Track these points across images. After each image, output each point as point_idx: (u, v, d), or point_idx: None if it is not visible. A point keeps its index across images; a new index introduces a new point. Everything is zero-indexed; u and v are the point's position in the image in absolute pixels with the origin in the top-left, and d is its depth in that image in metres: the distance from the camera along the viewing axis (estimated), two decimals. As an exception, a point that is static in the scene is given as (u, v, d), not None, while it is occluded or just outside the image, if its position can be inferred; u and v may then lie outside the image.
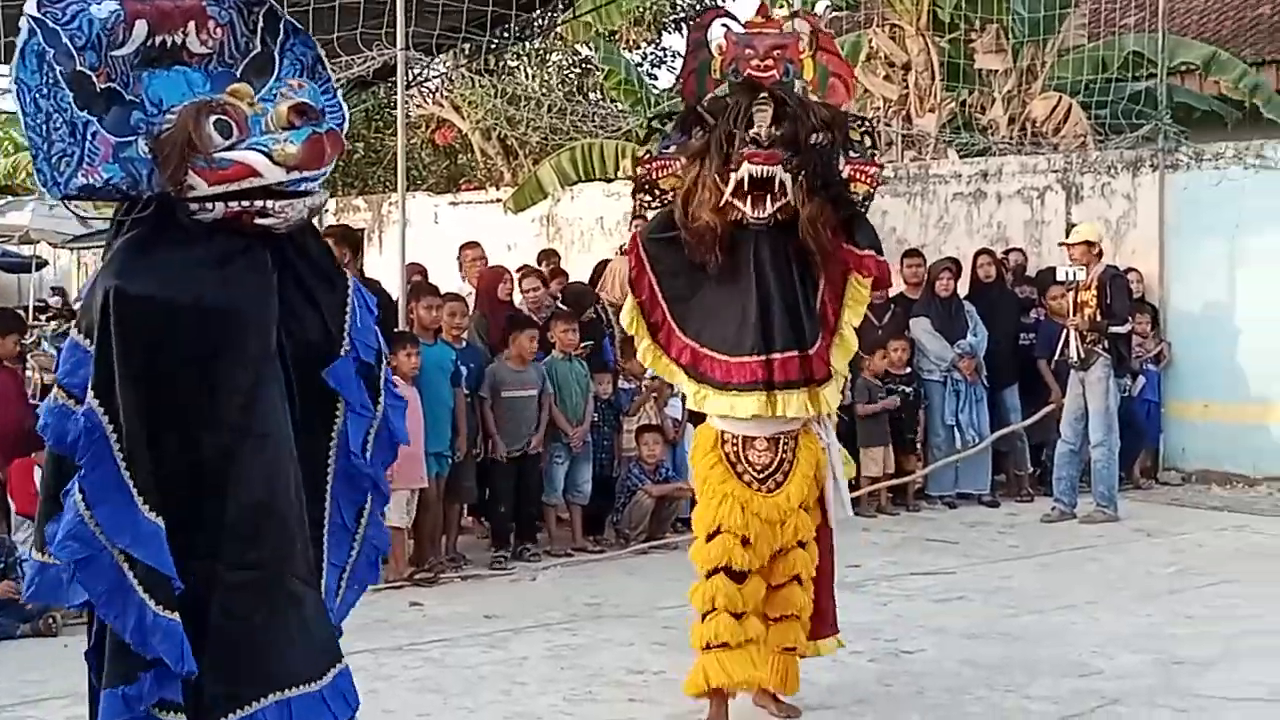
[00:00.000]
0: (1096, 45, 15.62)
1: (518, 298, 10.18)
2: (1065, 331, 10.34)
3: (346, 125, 3.55)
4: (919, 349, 11.11)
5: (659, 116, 5.74)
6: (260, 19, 3.50)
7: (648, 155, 5.35)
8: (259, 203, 3.26)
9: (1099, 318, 10.12)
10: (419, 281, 9.99)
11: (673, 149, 5.26)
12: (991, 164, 13.59)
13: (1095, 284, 10.16)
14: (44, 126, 3.16)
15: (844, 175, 5.23)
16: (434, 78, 15.33)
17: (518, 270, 10.64)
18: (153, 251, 3.25)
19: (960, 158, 14.53)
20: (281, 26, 3.52)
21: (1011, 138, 14.90)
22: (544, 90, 20.03)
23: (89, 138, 3.18)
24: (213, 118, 3.26)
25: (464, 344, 8.94)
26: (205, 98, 3.32)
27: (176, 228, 3.25)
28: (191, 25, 3.40)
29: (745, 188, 5.00)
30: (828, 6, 19.11)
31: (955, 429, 11.02)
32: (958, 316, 11.18)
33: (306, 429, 3.43)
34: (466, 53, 12.77)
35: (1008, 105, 15.54)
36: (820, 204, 5.03)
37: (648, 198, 5.34)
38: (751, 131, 4.99)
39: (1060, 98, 15.01)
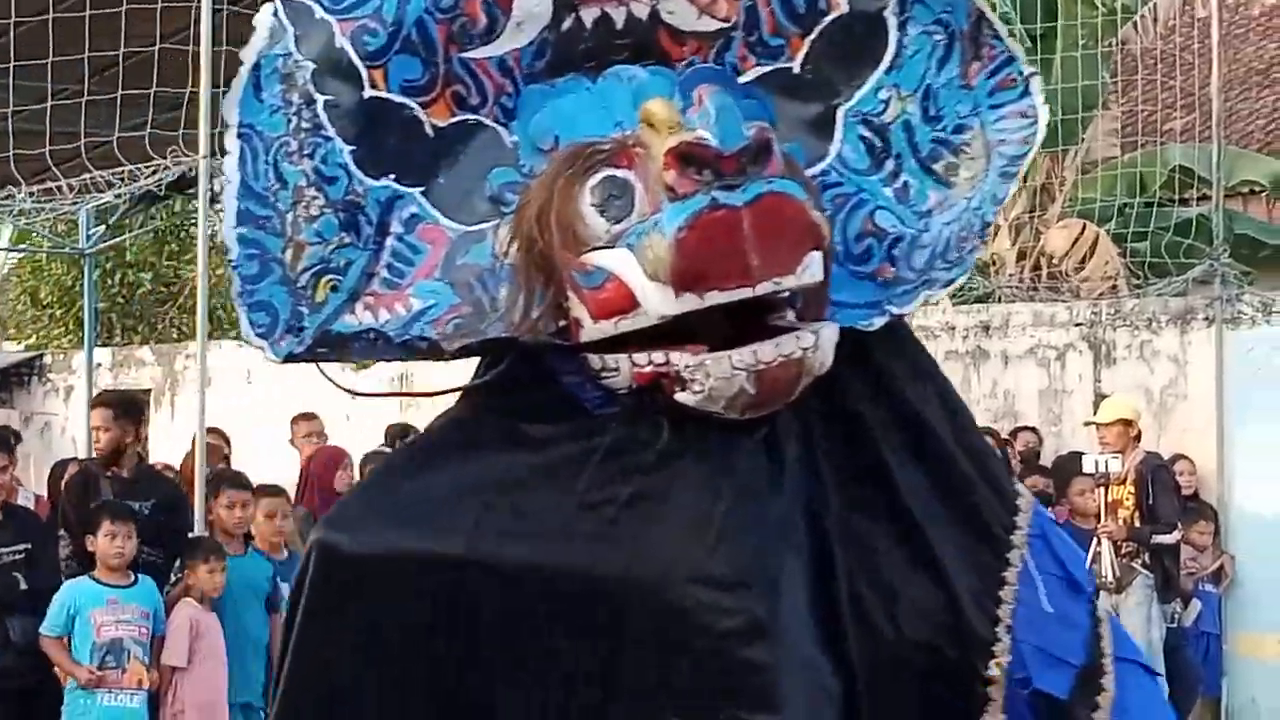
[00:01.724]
0: (1133, 158, 15.80)
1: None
2: (1093, 541, 10.20)
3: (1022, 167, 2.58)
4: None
5: None
6: None
7: None
8: (675, 358, 2.22)
9: (1138, 523, 10.10)
10: (221, 470, 9.72)
11: None
12: (995, 313, 13.61)
13: (1133, 477, 10.17)
14: (282, 218, 2.29)
15: None
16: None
17: (363, 457, 10.42)
18: (476, 450, 2.26)
19: (954, 304, 14.53)
20: None
21: (1021, 279, 14.96)
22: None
23: (395, 231, 2.26)
24: (596, 177, 2.23)
25: (285, 554, 8.68)
26: (590, 139, 2.28)
27: (542, 405, 2.30)
28: None
29: None
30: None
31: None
32: (950, 518, 11.08)
33: None
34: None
35: (1016, 236, 15.67)
36: None
37: None
38: None
39: (1085, 226, 15.12)
